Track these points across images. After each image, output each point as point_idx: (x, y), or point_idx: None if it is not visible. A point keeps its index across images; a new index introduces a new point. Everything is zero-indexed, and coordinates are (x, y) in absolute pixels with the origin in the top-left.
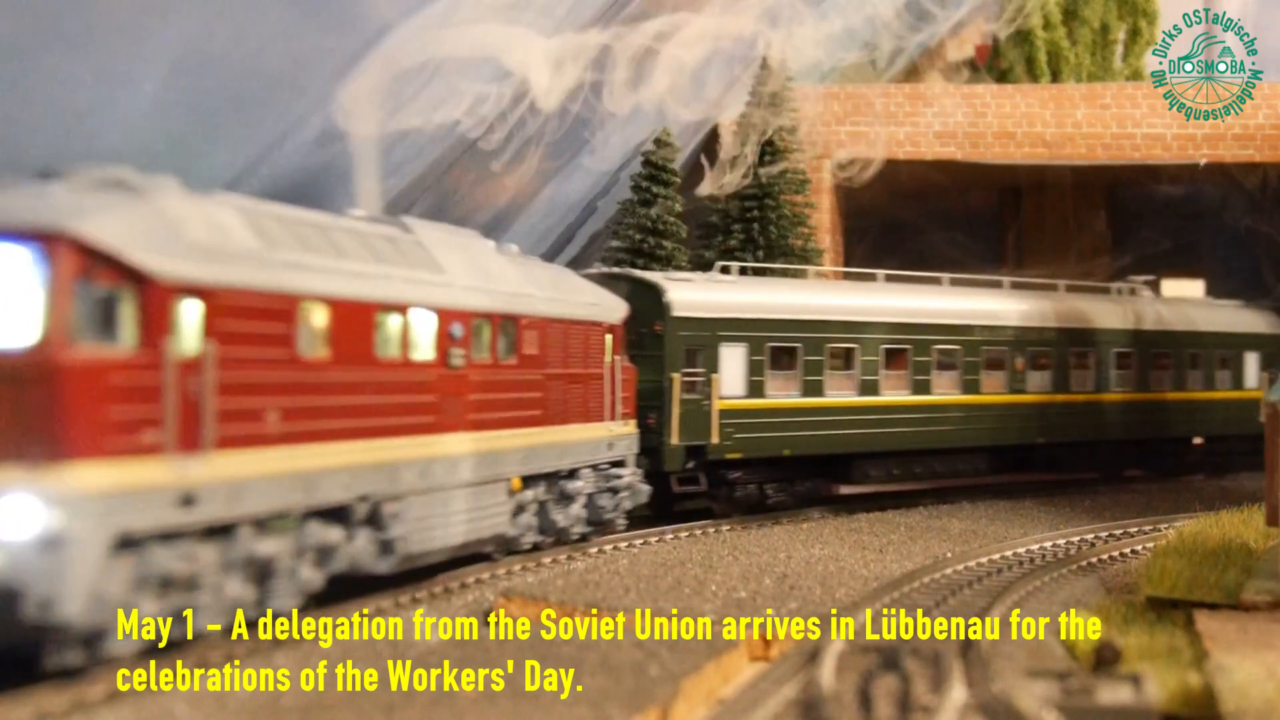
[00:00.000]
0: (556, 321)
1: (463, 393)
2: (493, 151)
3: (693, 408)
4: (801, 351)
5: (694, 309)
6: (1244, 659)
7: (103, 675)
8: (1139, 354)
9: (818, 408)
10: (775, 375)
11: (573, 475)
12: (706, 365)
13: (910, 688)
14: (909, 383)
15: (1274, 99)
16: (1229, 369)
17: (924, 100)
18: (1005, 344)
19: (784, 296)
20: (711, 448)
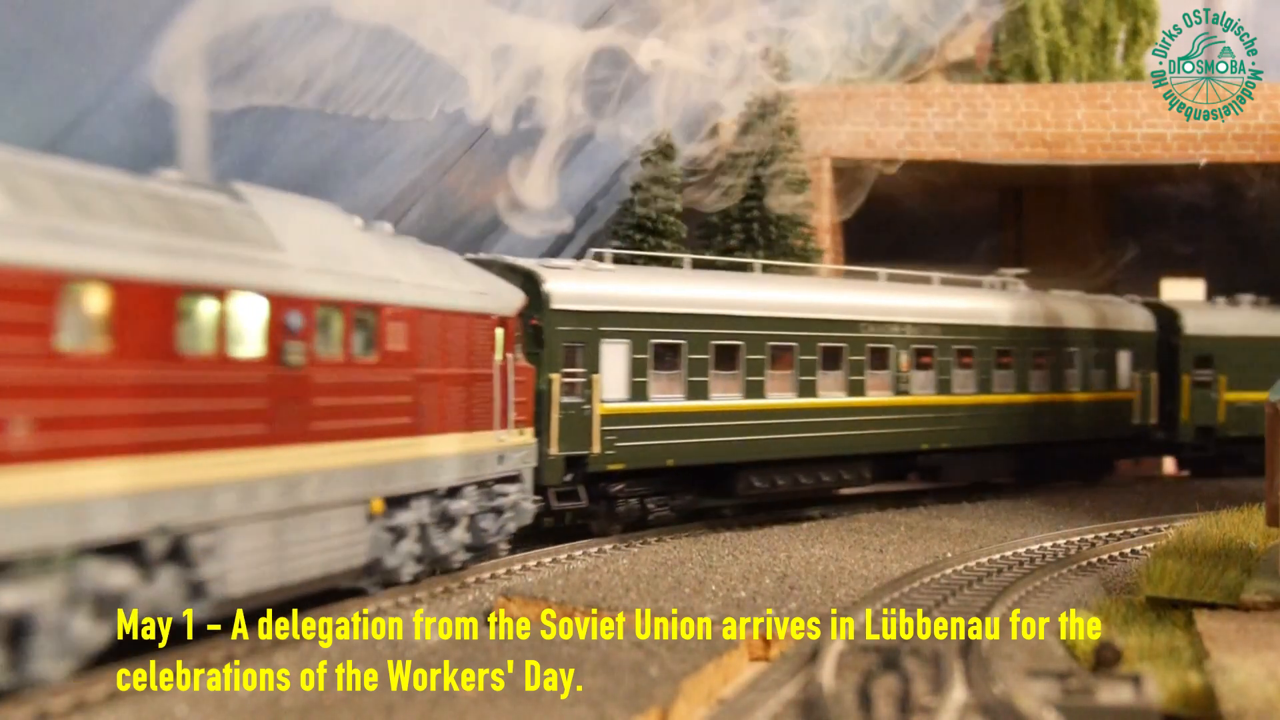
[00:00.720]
0: (433, 312)
1: (304, 397)
2: (493, 152)
3: (573, 413)
4: (685, 349)
5: (574, 301)
6: (1244, 659)
7: (103, 675)
8: (1019, 353)
9: (702, 412)
10: (659, 376)
11: (456, 494)
12: (587, 365)
13: (910, 688)
14: (794, 384)
15: (1274, 99)
16: (1103, 368)
17: (924, 100)
18: (890, 341)
19: (667, 288)
20: (593, 458)
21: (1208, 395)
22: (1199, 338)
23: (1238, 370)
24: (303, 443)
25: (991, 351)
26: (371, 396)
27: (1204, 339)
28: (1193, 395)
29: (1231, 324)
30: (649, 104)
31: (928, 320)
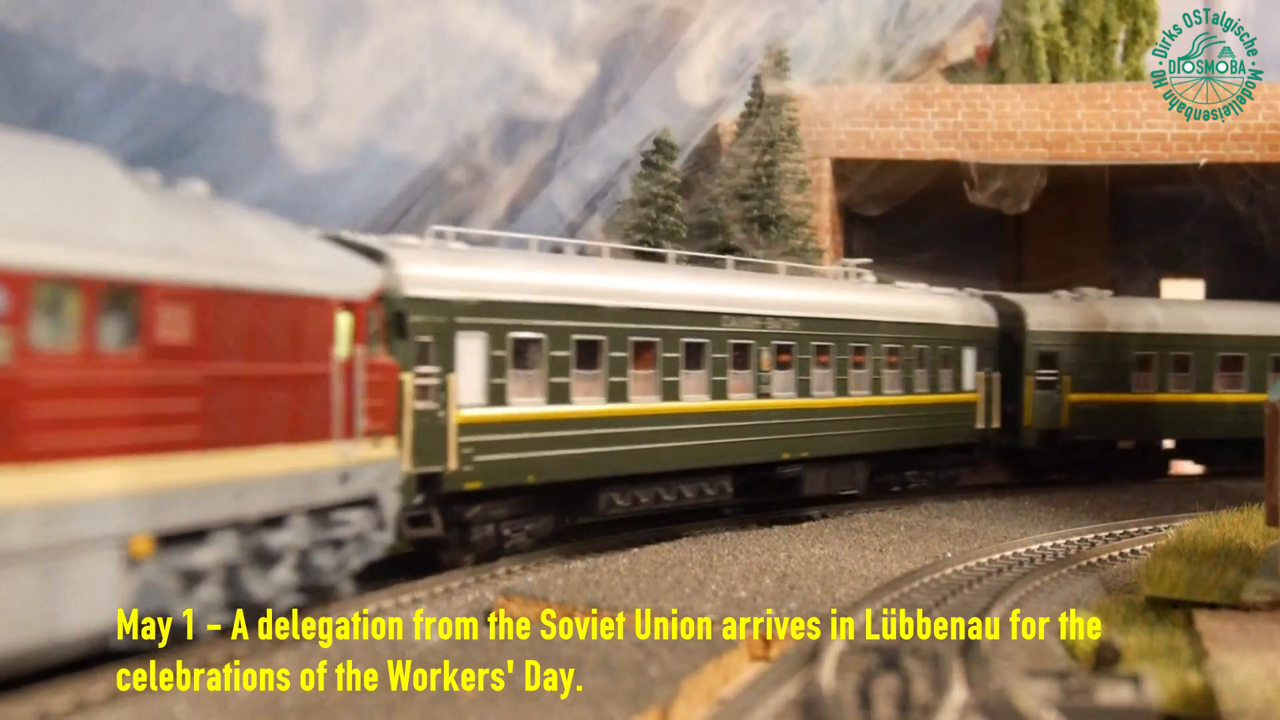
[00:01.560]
0: (237, 295)
1: (10, 404)
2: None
3: (427, 422)
4: (546, 345)
5: (428, 286)
6: (1244, 659)
7: (103, 675)
8: (873, 351)
9: (565, 419)
10: (518, 376)
11: (278, 524)
12: (442, 363)
13: (910, 688)
14: (657, 386)
15: (1274, 99)
16: (950, 367)
17: (924, 100)
18: (752, 337)
19: (524, 272)
20: (448, 476)
21: (1051, 397)
22: (1043, 334)
23: (1083, 370)
24: (9, 463)
25: (848, 349)
26: (131, 401)
27: (1048, 336)
28: (1036, 397)
29: (1077, 320)
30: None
31: (787, 313)
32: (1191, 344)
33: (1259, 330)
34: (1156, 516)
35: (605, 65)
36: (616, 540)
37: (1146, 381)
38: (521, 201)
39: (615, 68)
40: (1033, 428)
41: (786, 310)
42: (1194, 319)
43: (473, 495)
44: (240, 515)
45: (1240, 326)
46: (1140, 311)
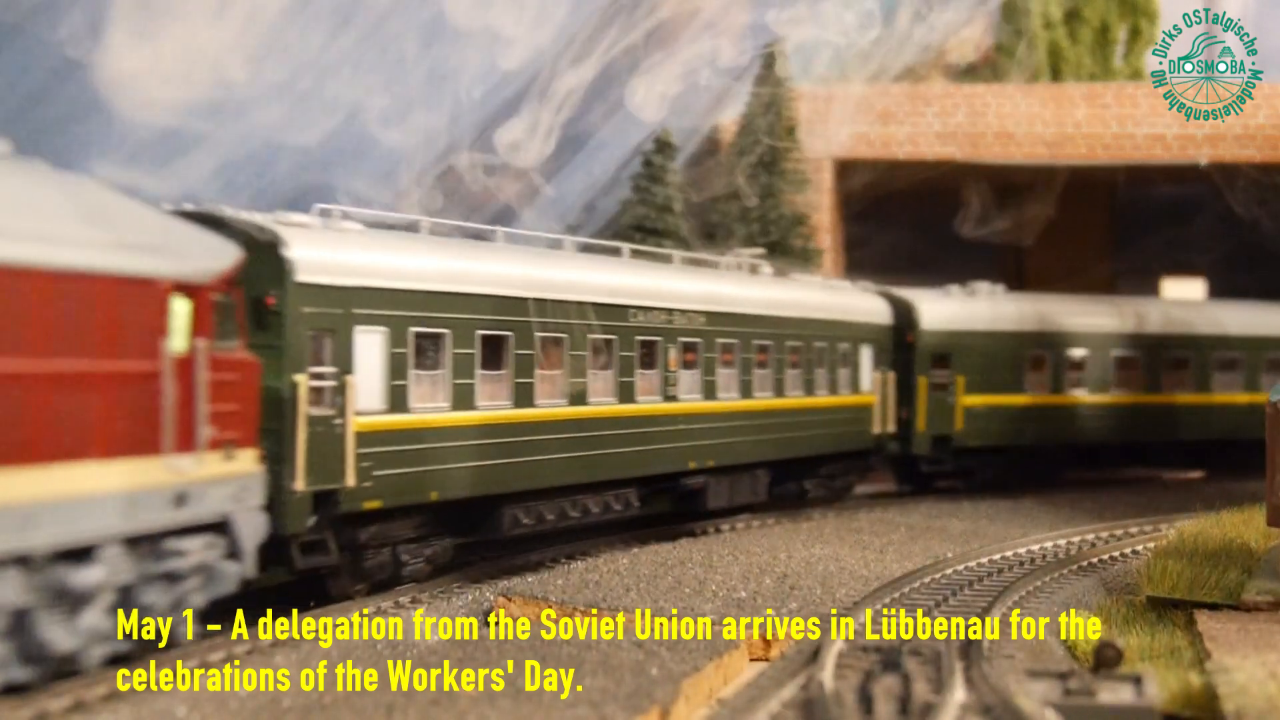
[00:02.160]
0: (9, 272)
1: None
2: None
3: (322, 431)
4: (449, 341)
5: (325, 272)
6: (1244, 659)
7: (103, 675)
8: (775, 349)
9: (470, 426)
10: (420, 378)
11: (85, 557)
12: (339, 362)
13: (910, 688)
14: (565, 388)
15: (1274, 99)
16: (848, 367)
17: (924, 100)
18: (659, 333)
19: (432, 259)
20: (346, 494)
21: (944, 399)
22: (935, 332)
23: (978, 370)
24: None
25: (752, 347)
26: None
27: (940, 334)
28: (929, 399)
29: (971, 316)
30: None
31: (694, 307)
32: (1087, 343)
33: (1157, 329)
34: (1157, 516)
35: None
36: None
37: (1041, 383)
38: (523, 200)
39: (615, 67)
40: (925, 433)
41: (693, 304)
42: (1092, 316)
43: (368, 516)
44: (24, 548)
45: (1136, 325)
46: (1033, 308)
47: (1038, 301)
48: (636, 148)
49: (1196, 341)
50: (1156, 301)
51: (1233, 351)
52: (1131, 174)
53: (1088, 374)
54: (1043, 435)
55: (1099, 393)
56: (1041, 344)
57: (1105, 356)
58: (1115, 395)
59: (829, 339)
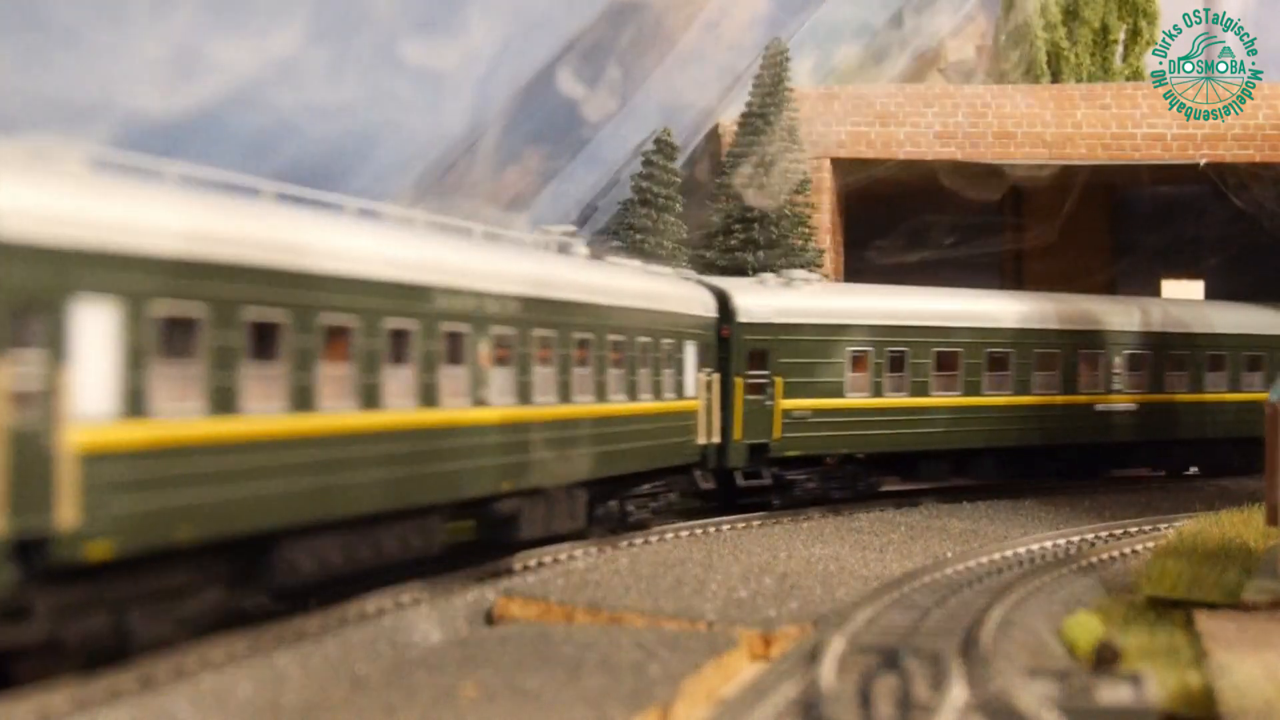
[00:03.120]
0: None
1: None
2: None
3: (24, 449)
4: (207, 327)
5: (38, 223)
6: (1244, 659)
7: (103, 675)
8: (596, 343)
9: (236, 440)
10: (167, 372)
11: None
12: (50, 349)
13: (910, 687)
14: (353, 387)
15: (1274, 99)
16: (672, 367)
17: (924, 100)
18: (468, 320)
19: (178, 214)
20: (60, 539)
21: (762, 403)
22: (752, 327)
23: (797, 370)
24: None
25: (572, 341)
26: None
27: (758, 329)
28: (745, 404)
29: (790, 309)
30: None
31: (508, 290)
32: (909, 338)
33: (982, 323)
34: (1156, 516)
35: (605, 64)
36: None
37: (861, 384)
38: (523, 200)
39: (615, 67)
40: (742, 442)
41: (507, 286)
42: (921, 310)
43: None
44: None
45: (963, 319)
46: (858, 301)
47: (860, 295)
48: (637, 148)
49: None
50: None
51: (1097, 349)
52: (1131, 174)
53: (906, 375)
54: (871, 443)
55: (917, 395)
56: (865, 341)
57: (926, 353)
58: (934, 398)
59: (653, 333)
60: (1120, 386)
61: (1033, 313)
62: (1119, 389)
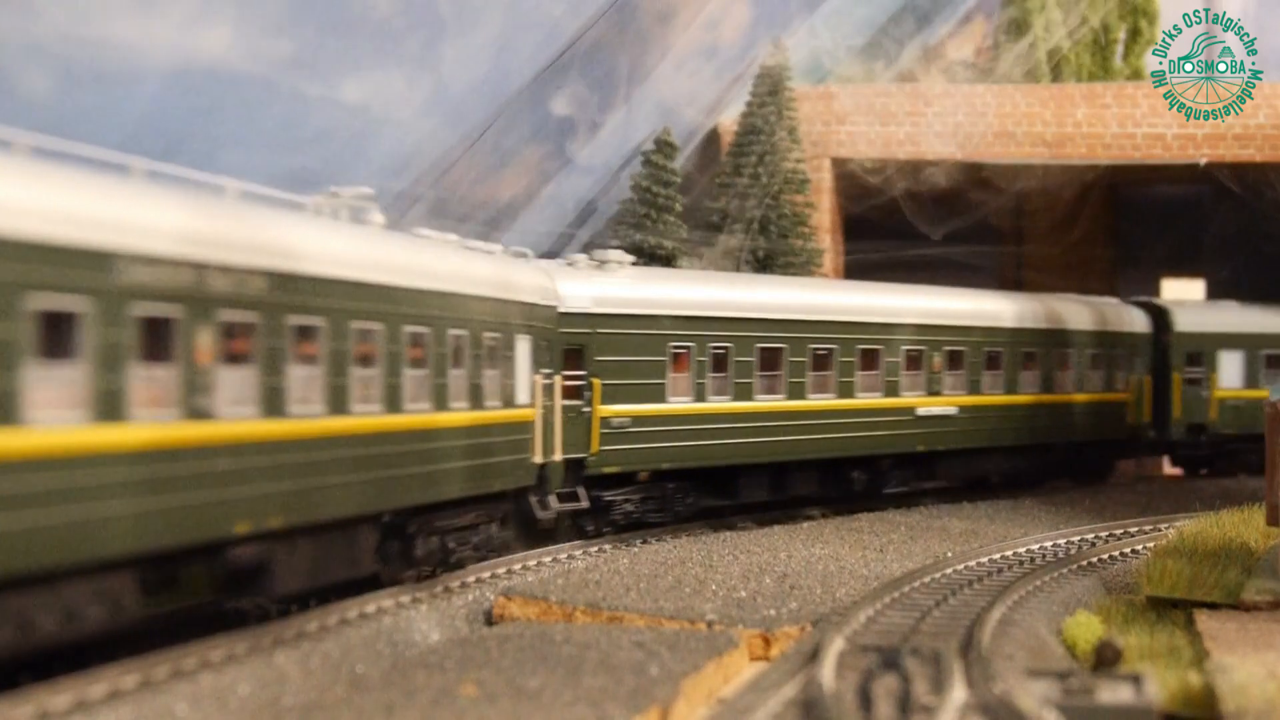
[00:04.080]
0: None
1: None
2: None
3: None
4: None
5: None
6: (1244, 659)
7: (103, 675)
8: (386, 337)
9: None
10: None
11: None
12: None
13: (910, 687)
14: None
15: (1274, 99)
16: (498, 368)
17: (924, 100)
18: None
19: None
20: None
21: (580, 410)
22: (570, 318)
23: (616, 370)
24: None
25: (348, 333)
26: None
27: (575, 320)
28: (564, 411)
29: (607, 297)
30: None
31: (238, 260)
32: (732, 332)
33: (805, 315)
34: (1156, 516)
35: (605, 64)
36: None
37: (683, 386)
38: (522, 200)
39: (615, 67)
40: (559, 460)
41: (238, 255)
42: (744, 301)
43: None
44: None
45: (786, 310)
46: (679, 289)
47: (690, 280)
48: (637, 148)
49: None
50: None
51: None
52: (1131, 174)
53: (728, 376)
54: (692, 456)
55: (772, 399)
56: (685, 335)
57: (750, 348)
58: (782, 402)
59: (470, 324)
60: (941, 388)
61: (858, 305)
62: (939, 391)
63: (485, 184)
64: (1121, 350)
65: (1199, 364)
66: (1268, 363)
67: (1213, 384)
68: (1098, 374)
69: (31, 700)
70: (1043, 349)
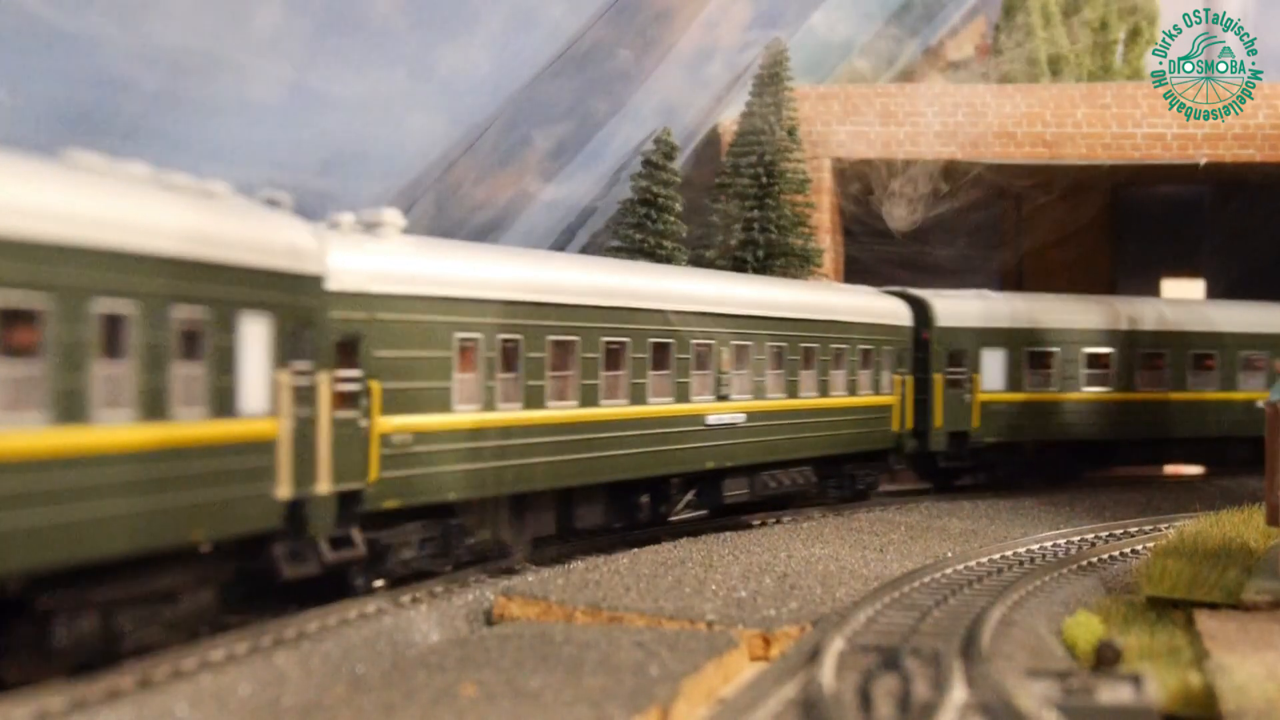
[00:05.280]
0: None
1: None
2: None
3: None
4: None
5: None
6: (1244, 659)
7: (103, 675)
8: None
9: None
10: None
11: None
12: None
13: (910, 687)
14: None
15: (1274, 99)
16: (221, 369)
17: (924, 100)
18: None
19: None
20: None
21: (356, 423)
22: (342, 299)
23: (397, 369)
24: None
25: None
26: None
27: (348, 301)
28: (334, 426)
29: (387, 273)
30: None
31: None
32: (525, 320)
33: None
34: (1156, 516)
35: (605, 64)
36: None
37: (472, 393)
38: (522, 200)
39: (615, 67)
40: (333, 489)
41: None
42: (536, 281)
43: None
44: None
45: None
46: (469, 264)
47: (480, 254)
48: (637, 148)
49: None
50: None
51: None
52: (1131, 174)
53: (527, 375)
54: (475, 484)
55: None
56: (480, 323)
57: (540, 340)
58: (574, 410)
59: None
60: (729, 392)
61: (652, 290)
62: (727, 395)
63: (485, 184)
64: (888, 348)
65: (961, 364)
66: (1031, 361)
67: (975, 386)
68: (867, 375)
69: (31, 700)
70: (810, 344)
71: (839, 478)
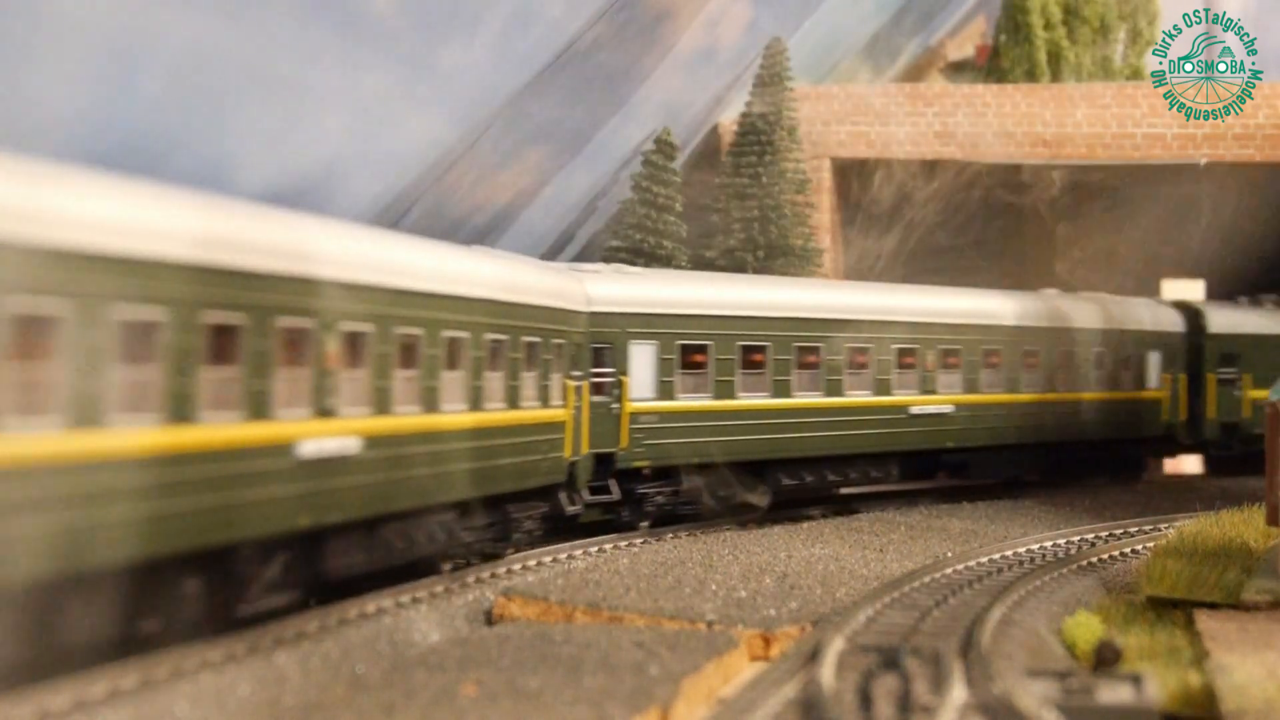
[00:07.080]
0: None
1: None
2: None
3: None
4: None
5: None
6: (1244, 658)
7: (103, 675)
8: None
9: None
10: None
11: None
12: None
13: (910, 687)
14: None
15: (1274, 99)
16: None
17: (924, 100)
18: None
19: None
20: None
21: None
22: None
23: None
24: None
25: None
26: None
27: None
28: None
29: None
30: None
31: None
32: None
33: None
34: (1156, 516)
35: (605, 64)
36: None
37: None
38: (522, 200)
39: (615, 66)
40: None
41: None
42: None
43: None
44: None
45: None
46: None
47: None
48: (637, 148)
49: None
50: None
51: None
52: (1131, 174)
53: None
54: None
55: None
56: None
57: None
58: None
59: None
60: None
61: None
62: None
63: (485, 184)
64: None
65: (606, 362)
66: (684, 359)
67: (623, 392)
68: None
69: (31, 700)
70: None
71: None
